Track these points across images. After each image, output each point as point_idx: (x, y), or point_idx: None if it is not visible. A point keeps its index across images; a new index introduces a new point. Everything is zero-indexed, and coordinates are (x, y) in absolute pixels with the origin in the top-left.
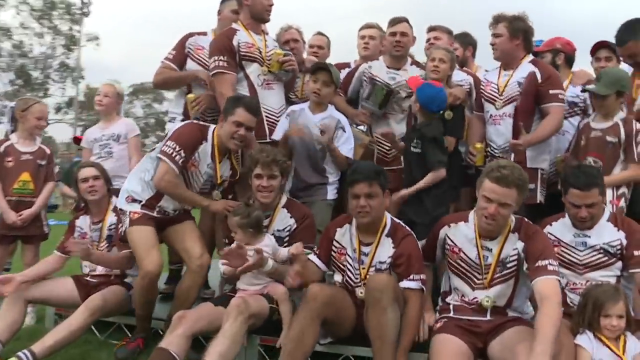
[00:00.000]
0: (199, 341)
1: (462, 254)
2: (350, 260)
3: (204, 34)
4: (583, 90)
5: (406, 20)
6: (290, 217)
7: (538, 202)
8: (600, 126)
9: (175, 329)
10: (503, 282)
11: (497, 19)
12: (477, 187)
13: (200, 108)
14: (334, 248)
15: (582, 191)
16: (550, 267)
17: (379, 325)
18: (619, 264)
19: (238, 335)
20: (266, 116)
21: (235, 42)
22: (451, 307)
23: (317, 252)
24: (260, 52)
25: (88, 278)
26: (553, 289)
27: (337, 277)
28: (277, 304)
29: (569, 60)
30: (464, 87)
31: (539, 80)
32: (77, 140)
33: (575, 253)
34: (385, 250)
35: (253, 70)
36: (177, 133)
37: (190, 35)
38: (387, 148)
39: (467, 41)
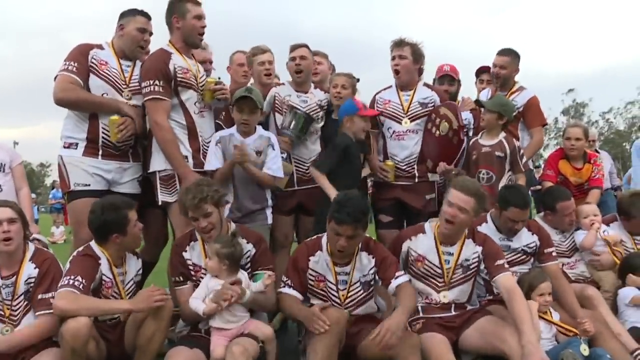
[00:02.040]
0: None
1: (426, 262)
2: (330, 286)
3: (100, 47)
4: (476, 102)
5: (305, 46)
6: (247, 243)
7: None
8: (489, 143)
9: None
10: (465, 282)
11: (402, 42)
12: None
13: (126, 133)
14: (310, 277)
15: (522, 209)
16: (505, 265)
17: None
18: (532, 259)
19: None
20: (203, 146)
21: (171, 67)
22: (419, 308)
23: (291, 284)
24: (195, 79)
25: None
26: (513, 281)
27: (317, 302)
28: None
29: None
30: None
31: (437, 104)
32: None
33: None
34: (365, 263)
35: (189, 97)
36: (74, 263)
37: (90, 47)
38: (305, 168)
39: None
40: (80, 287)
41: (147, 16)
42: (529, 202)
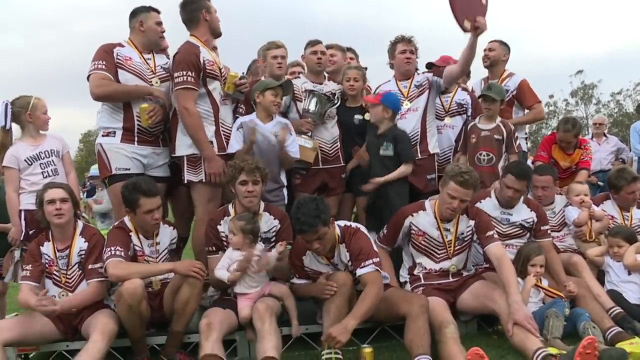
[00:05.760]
0: None
1: (426, 236)
2: (330, 270)
3: (121, 45)
4: (479, 96)
5: (321, 43)
6: (274, 219)
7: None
8: (488, 127)
9: (210, 335)
10: (462, 252)
11: (411, 39)
12: (440, 185)
13: (155, 119)
14: (308, 272)
15: (517, 179)
16: (495, 236)
17: None
18: (528, 234)
19: (278, 330)
20: (223, 131)
21: (201, 59)
22: (421, 276)
23: (298, 277)
24: (219, 70)
25: None
26: (502, 250)
27: None
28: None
29: None
30: None
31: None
32: None
33: (499, 226)
34: (344, 255)
35: (215, 87)
36: (112, 235)
37: (112, 46)
38: (328, 148)
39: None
40: (122, 254)
41: (159, 11)
42: (526, 175)
